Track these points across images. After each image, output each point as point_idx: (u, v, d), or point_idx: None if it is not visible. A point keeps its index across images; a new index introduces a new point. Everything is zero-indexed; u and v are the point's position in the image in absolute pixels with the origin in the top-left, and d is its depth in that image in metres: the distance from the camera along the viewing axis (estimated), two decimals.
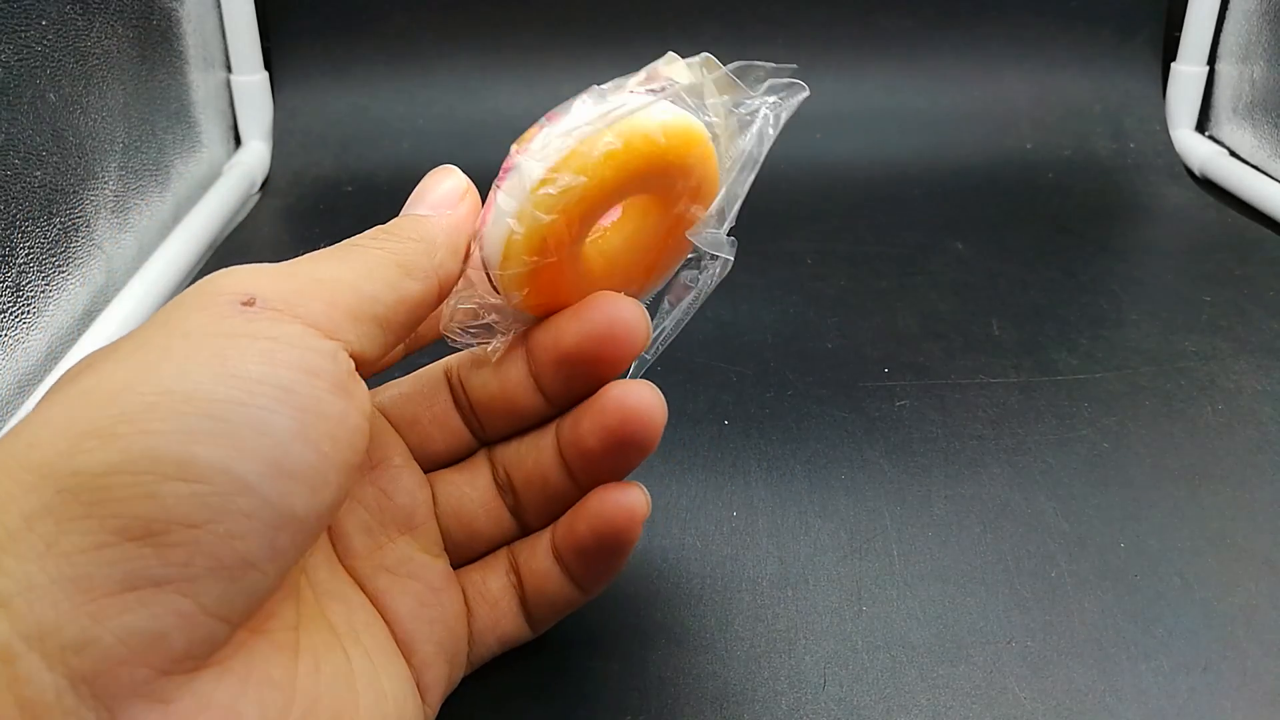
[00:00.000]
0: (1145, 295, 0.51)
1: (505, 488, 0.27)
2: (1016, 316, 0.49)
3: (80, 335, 0.44)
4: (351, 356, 0.21)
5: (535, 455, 0.27)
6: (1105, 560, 0.33)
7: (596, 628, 0.30)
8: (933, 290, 0.51)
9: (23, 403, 0.40)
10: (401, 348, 0.27)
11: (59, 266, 0.44)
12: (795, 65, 0.26)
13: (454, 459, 0.28)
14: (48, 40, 0.44)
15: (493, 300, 0.25)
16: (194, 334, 0.19)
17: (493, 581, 0.27)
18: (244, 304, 0.20)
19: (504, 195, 0.24)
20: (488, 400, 0.27)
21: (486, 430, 0.28)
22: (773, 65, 0.25)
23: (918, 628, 0.30)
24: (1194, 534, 0.34)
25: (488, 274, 0.25)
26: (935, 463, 0.37)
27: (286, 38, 0.70)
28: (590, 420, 0.25)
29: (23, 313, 0.41)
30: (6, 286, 0.40)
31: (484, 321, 0.26)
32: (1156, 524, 0.34)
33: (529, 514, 0.27)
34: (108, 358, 0.19)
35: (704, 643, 0.29)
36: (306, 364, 0.19)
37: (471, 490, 0.27)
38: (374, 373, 0.24)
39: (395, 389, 0.28)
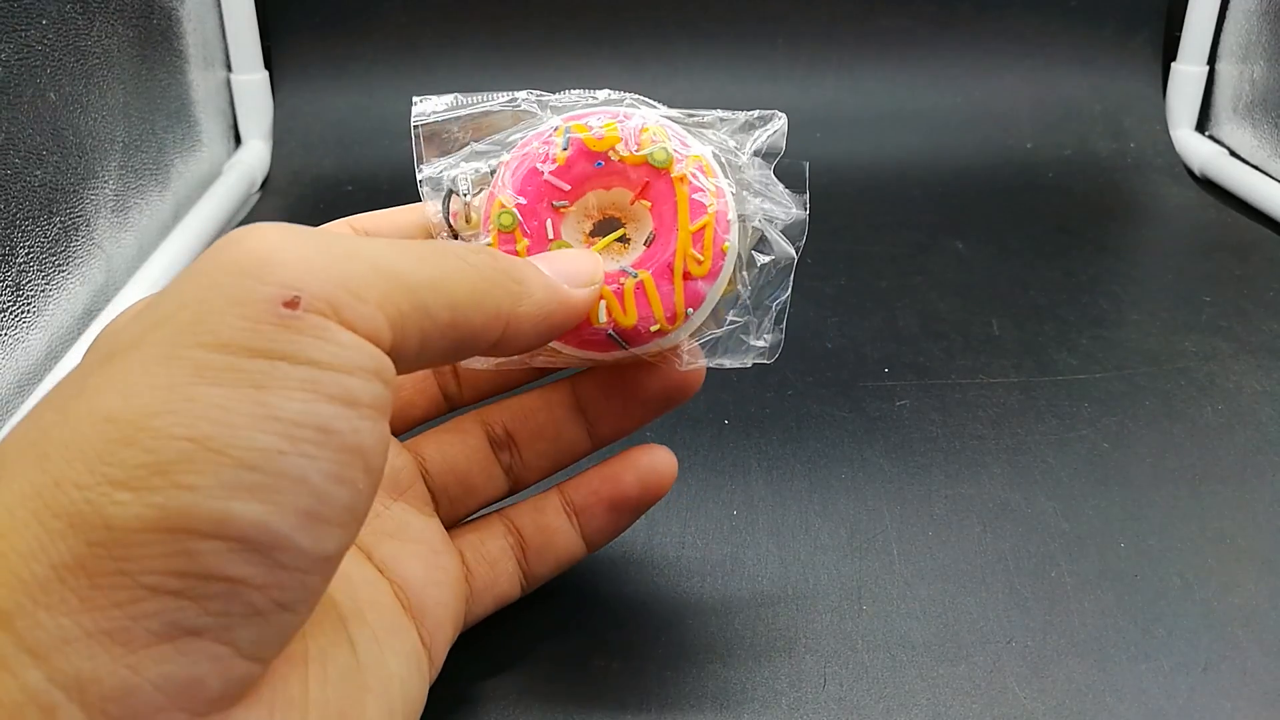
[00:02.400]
0: (1145, 295, 0.51)
1: (502, 443, 0.28)
2: (1016, 316, 0.49)
3: (80, 335, 0.44)
4: (391, 356, 0.19)
5: (547, 410, 0.28)
6: (1105, 560, 0.33)
7: (597, 628, 0.30)
8: (933, 290, 0.51)
9: (23, 403, 0.40)
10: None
11: (59, 266, 0.44)
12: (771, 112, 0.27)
13: (429, 419, 0.29)
14: (48, 39, 0.44)
15: None
16: (229, 350, 0.17)
17: (490, 543, 0.28)
18: (285, 305, 0.18)
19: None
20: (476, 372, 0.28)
21: (465, 395, 0.29)
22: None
23: (918, 628, 0.30)
24: (1194, 534, 0.34)
25: None
26: (935, 463, 0.37)
27: (286, 37, 0.70)
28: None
29: (23, 312, 0.41)
30: (6, 286, 0.40)
31: None
32: (1156, 524, 0.34)
33: (530, 469, 0.28)
34: (135, 366, 0.17)
35: (704, 642, 0.29)
36: (349, 392, 0.18)
37: (464, 448, 0.28)
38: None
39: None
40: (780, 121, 0.27)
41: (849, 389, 0.42)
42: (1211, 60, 0.71)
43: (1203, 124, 0.73)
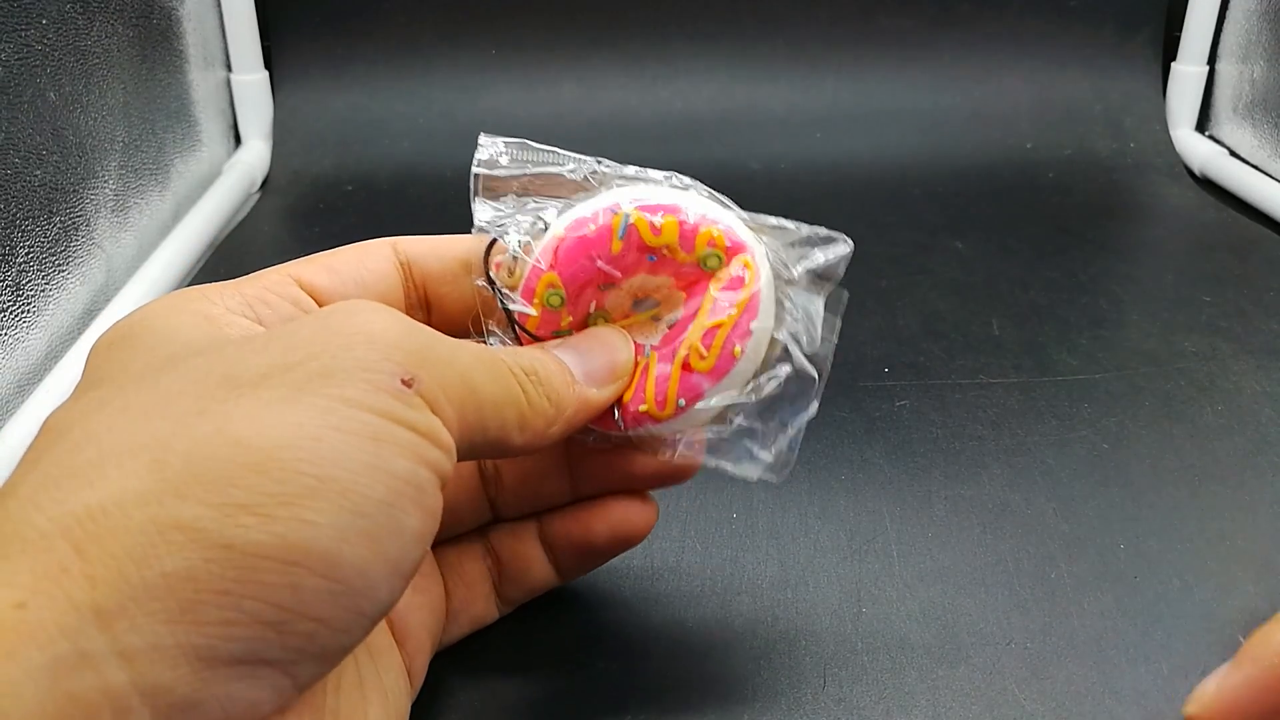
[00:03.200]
0: (1145, 295, 0.51)
1: (490, 478, 0.28)
2: (1016, 316, 0.49)
3: (80, 335, 0.44)
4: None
5: (536, 459, 0.28)
6: (1105, 561, 0.33)
7: (597, 628, 0.30)
8: (933, 290, 0.51)
9: (23, 402, 0.40)
10: None
11: (59, 266, 0.44)
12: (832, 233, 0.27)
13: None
14: (48, 39, 0.44)
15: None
16: (352, 405, 0.19)
17: (468, 564, 0.28)
18: (404, 382, 0.20)
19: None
20: None
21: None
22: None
23: (918, 628, 0.30)
24: (1193, 535, 0.34)
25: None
26: (935, 463, 0.37)
27: (286, 37, 0.70)
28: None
29: (23, 312, 0.41)
30: (6, 286, 0.40)
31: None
32: (1156, 524, 0.34)
33: (510, 504, 0.29)
34: (263, 395, 0.19)
35: (704, 643, 0.29)
36: (438, 464, 0.20)
37: (457, 477, 0.28)
38: None
39: None
40: (845, 248, 0.26)
41: (849, 389, 0.42)
42: (1211, 60, 0.71)
43: (1203, 124, 0.73)
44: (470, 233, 0.27)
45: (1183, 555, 0.33)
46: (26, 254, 0.41)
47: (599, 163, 0.27)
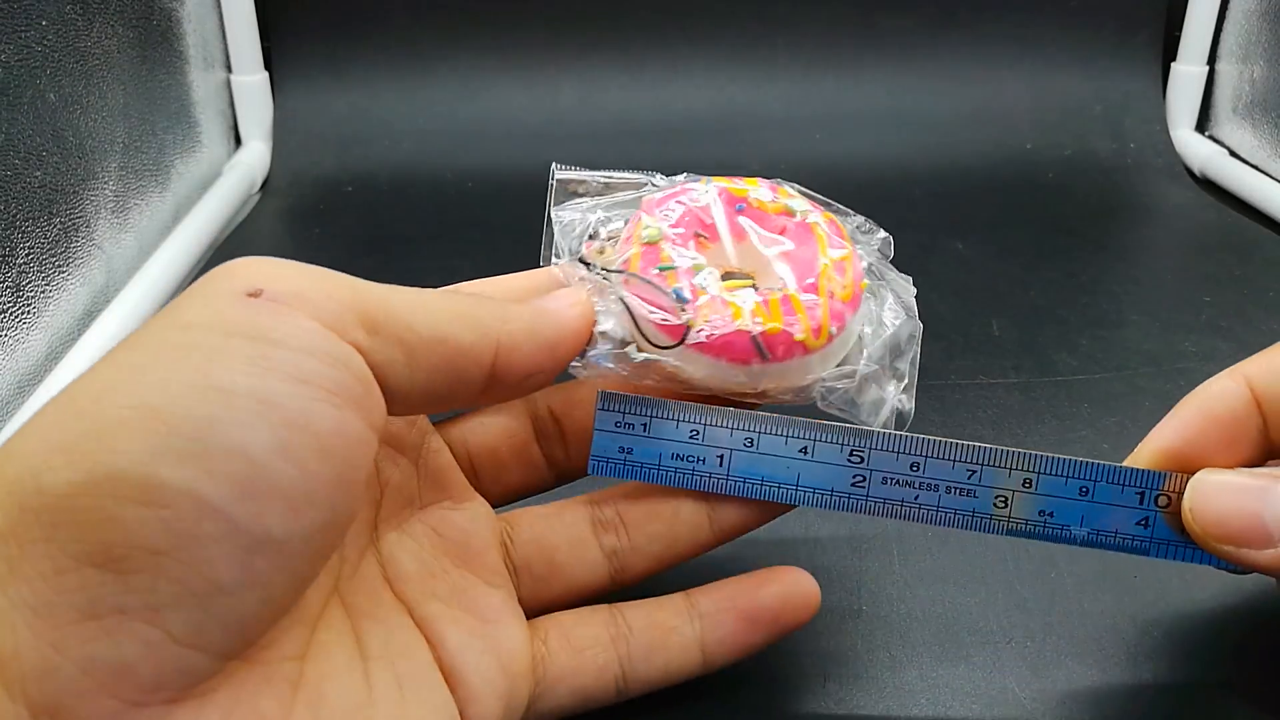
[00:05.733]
0: (1145, 295, 0.51)
1: (608, 524, 0.26)
2: (1016, 316, 0.49)
3: (80, 335, 0.44)
4: (371, 367, 0.19)
5: (664, 492, 0.26)
6: (1105, 560, 0.32)
7: None
8: (933, 291, 0.51)
9: (23, 403, 0.40)
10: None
11: (59, 266, 0.44)
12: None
13: (531, 490, 0.27)
14: (48, 40, 0.44)
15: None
16: (190, 329, 0.18)
17: (583, 630, 0.25)
18: (249, 294, 0.18)
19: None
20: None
21: (572, 459, 0.27)
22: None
23: (917, 628, 0.30)
24: None
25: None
26: None
27: (286, 38, 0.70)
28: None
29: (23, 313, 0.41)
30: (6, 286, 0.40)
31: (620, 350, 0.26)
32: None
33: (639, 553, 0.26)
34: (110, 355, 0.18)
35: None
36: (301, 370, 0.18)
37: (559, 523, 0.26)
38: (407, 414, 0.22)
39: (473, 417, 0.27)
40: (884, 236, 0.29)
41: None
42: (1211, 60, 0.71)
43: (1203, 124, 0.73)
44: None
45: None
46: (26, 255, 0.41)
47: (665, 179, 0.28)
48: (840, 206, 0.28)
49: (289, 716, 0.19)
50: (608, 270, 0.25)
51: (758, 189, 0.27)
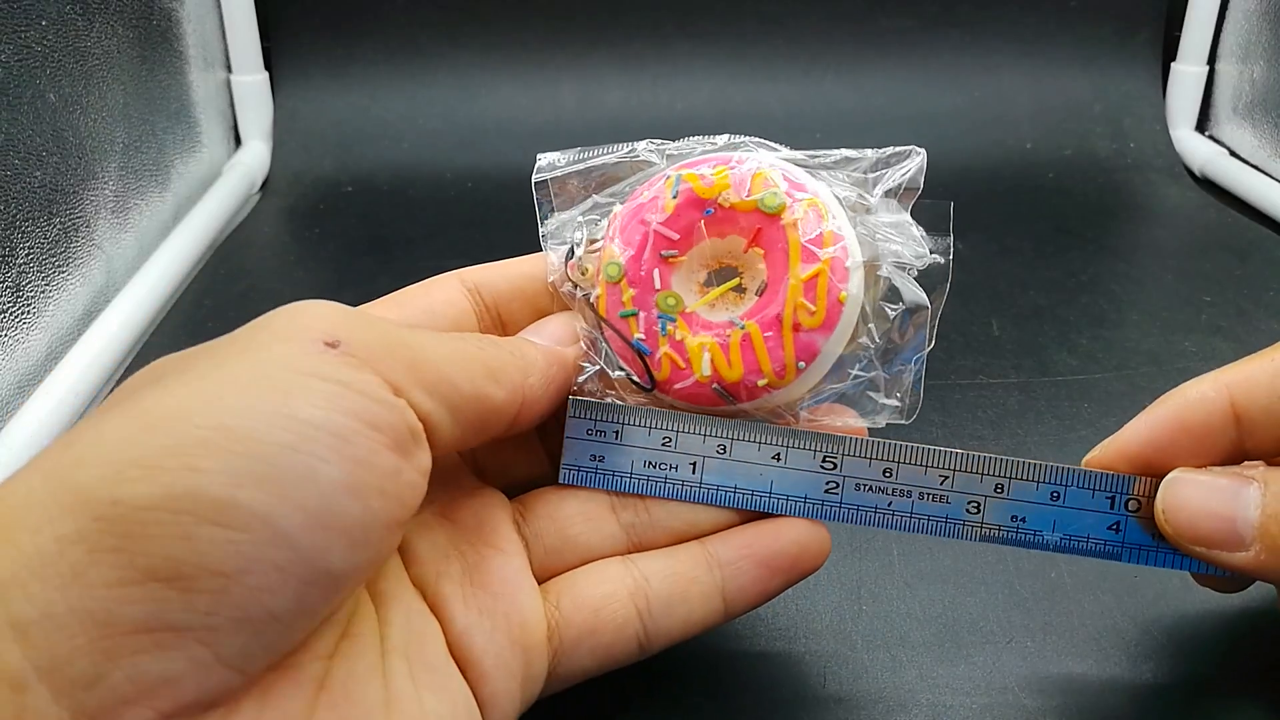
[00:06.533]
0: (1145, 295, 0.51)
1: (630, 504, 0.26)
2: (1016, 316, 0.49)
3: (80, 335, 0.44)
4: (421, 419, 0.20)
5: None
6: (1105, 561, 0.32)
7: None
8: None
9: (23, 403, 0.40)
10: None
11: (59, 266, 0.44)
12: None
13: (535, 484, 0.27)
14: (48, 40, 0.44)
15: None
16: (267, 364, 0.19)
17: (595, 587, 0.25)
18: (327, 344, 0.19)
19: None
20: None
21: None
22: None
23: (918, 628, 0.30)
24: None
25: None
26: None
27: (286, 38, 0.70)
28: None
29: (23, 313, 0.41)
30: (6, 286, 0.40)
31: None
32: None
33: (656, 527, 0.26)
34: (180, 371, 0.19)
35: (703, 642, 0.29)
36: (369, 415, 0.19)
37: (574, 500, 0.26)
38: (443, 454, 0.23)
39: None
40: (919, 158, 0.26)
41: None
42: (1211, 60, 0.71)
43: (1203, 124, 0.73)
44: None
45: None
46: (26, 255, 0.41)
47: (652, 144, 0.27)
48: (852, 154, 0.26)
49: (312, 717, 0.19)
50: (587, 299, 0.26)
51: (728, 190, 0.25)
